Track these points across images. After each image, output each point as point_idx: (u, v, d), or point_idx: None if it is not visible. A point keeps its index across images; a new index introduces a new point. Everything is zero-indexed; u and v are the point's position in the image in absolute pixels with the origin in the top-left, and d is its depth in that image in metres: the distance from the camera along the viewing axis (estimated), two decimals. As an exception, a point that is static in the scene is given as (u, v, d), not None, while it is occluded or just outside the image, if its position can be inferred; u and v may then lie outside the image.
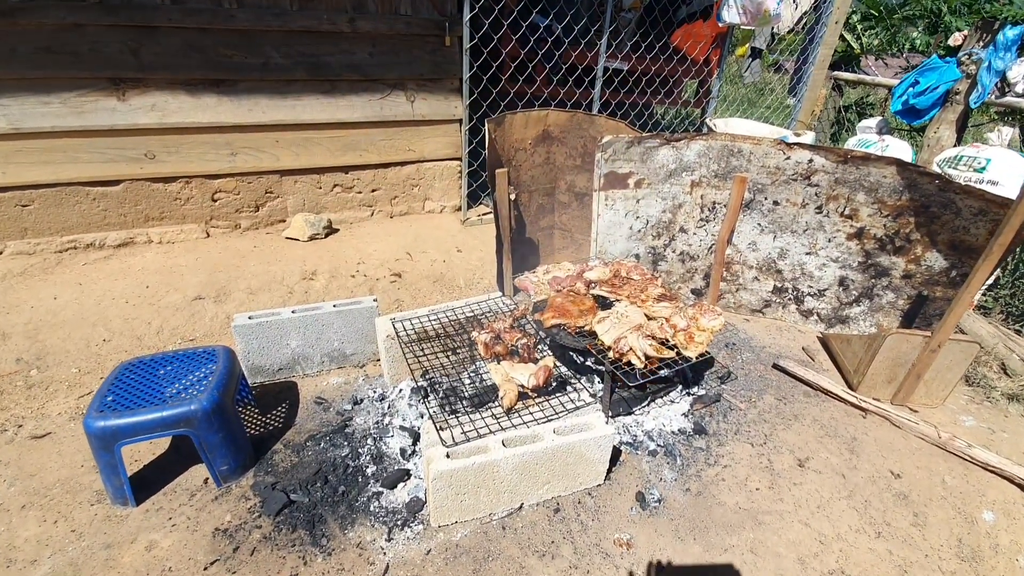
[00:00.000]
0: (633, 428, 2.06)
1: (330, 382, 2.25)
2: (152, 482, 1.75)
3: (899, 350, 2.19)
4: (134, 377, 1.71)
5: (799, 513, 1.79)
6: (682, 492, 1.83)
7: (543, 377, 1.81)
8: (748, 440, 2.07)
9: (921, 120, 4.01)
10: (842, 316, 2.67)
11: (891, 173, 2.30)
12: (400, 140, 3.60)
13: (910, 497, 1.89)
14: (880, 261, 2.48)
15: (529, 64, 3.80)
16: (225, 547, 1.55)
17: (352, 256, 3.28)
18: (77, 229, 3.09)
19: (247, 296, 2.79)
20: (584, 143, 2.82)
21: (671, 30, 4.86)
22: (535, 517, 1.69)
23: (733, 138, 2.52)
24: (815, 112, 5.22)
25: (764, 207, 2.59)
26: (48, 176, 2.89)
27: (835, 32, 4.60)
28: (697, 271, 2.86)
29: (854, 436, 2.13)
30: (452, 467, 1.51)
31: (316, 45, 3.11)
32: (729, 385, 2.36)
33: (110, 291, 2.77)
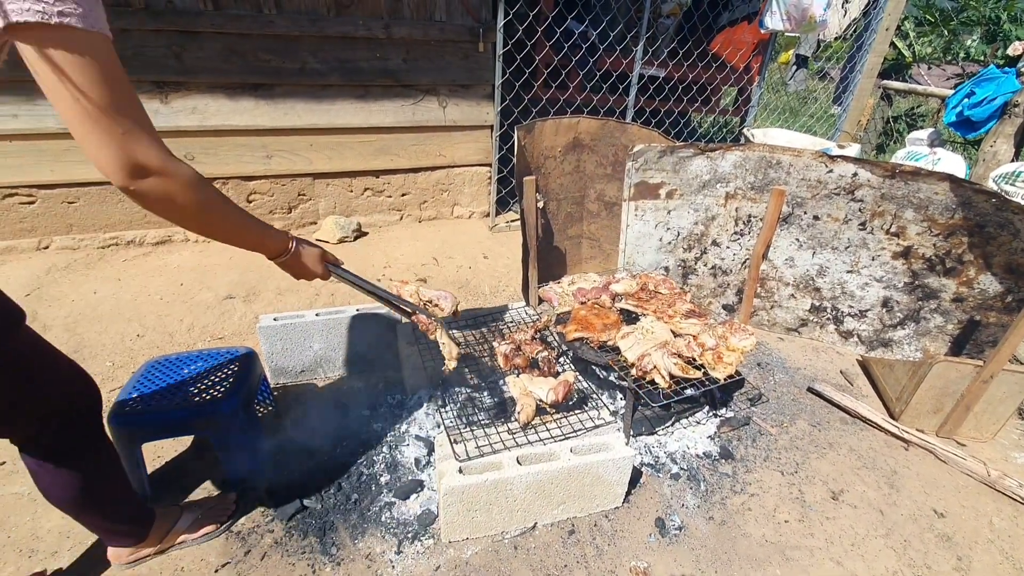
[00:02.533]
0: (655, 449, 1.98)
1: (350, 386, 2.26)
2: (172, 479, 1.78)
3: (947, 378, 2.05)
4: (159, 375, 1.74)
5: (831, 550, 1.68)
6: (705, 520, 1.74)
7: (563, 392, 1.76)
8: (778, 468, 1.97)
9: (976, 133, 3.80)
10: (885, 339, 2.53)
11: (943, 190, 2.16)
12: (431, 145, 3.61)
13: (954, 539, 1.76)
14: (928, 282, 2.34)
15: (563, 70, 3.76)
16: (237, 550, 1.56)
17: (379, 260, 3.30)
18: (119, 226, 3.20)
19: (275, 296, 2.83)
20: (615, 151, 2.76)
21: (711, 36, 4.75)
22: (549, 538, 1.64)
23: (771, 149, 2.42)
24: (861, 123, 5.01)
25: (803, 222, 2.48)
26: (94, 174, 3.00)
27: (885, 39, 4.40)
28: (729, 286, 2.75)
29: (894, 469, 2.00)
30: (464, 483, 1.47)
31: (351, 51, 3.15)
32: (759, 408, 2.26)
33: (146, 287, 2.85)
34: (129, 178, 0.90)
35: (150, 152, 0.91)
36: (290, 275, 1.38)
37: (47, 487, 1.25)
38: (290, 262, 1.33)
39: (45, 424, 1.18)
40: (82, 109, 0.83)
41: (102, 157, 0.88)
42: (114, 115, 0.85)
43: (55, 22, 0.77)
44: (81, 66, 0.81)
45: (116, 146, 0.87)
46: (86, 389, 1.28)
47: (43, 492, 1.27)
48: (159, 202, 0.96)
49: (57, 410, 1.20)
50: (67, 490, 1.25)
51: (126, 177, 0.90)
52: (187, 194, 0.98)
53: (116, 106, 0.85)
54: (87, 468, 1.26)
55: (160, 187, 0.94)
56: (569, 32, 4.07)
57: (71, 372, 1.25)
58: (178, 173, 0.95)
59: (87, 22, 0.80)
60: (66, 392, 1.23)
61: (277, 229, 1.29)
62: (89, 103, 0.83)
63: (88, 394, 1.28)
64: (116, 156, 0.88)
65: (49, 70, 0.80)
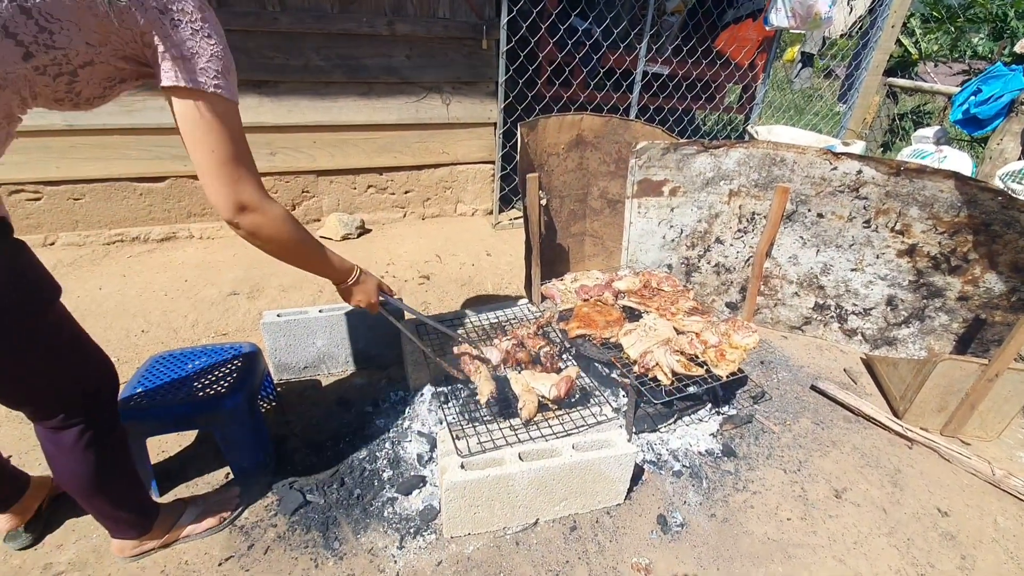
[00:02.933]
0: (657, 446, 1.98)
1: (353, 382, 2.26)
2: (176, 474, 1.79)
3: (952, 377, 2.04)
4: (163, 371, 1.75)
5: (833, 548, 1.68)
6: (707, 517, 1.74)
7: (565, 388, 1.76)
8: (781, 466, 1.97)
9: (983, 131, 3.77)
10: (889, 337, 2.52)
11: (949, 187, 2.15)
12: (434, 143, 3.61)
13: (958, 538, 1.75)
14: (933, 281, 2.32)
15: (566, 67, 3.75)
16: (240, 544, 1.56)
17: (382, 257, 3.30)
18: (124, 223, 3.22)
19: (279, 293, 2.84)
20: (618, 149, 2.75)
21: (715, 33, 4.73)
22: (550, 534, 1.64)
23: (776, 146, 2.41)
24: (867, 120, 4.98)
25: (807, 219, 2.47)
26: (99, 171, 3.02)
27: (891, 36, 4.37)
28: (733, 284, 2.75)
29: (898, 468, 1.99)
30: (466, 479, 1.48)
31: (355, 47, 3.15)
32: (762, 406, 2.25)
33: (151, 283, 2.87)
34: (234, 213, 1.12)
35: (253, 195, 1.13)
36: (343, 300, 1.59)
37: (61, 469, 1.27)
38: (351, 289, 1.54)
39: (72, 405, 1.20)
40: (215, 159, 1.06)
41: (218, 196, 1.09)
42: (234, 165, 1.09)
43: (210, 91, 1.02)
44: (220, 126, 1.05)
45: (230, 190, 1.09)
46: (111, 375, 1.31)
47: (56, 474, 1.29)
48: (253, 234, 1.17)
49: (86, 392, 1.23)
50: (81, 474, 1.27)
51: (233, 213, 1.11)
52: (276, 227, 1.19)
53: (237, 159, 1.09)
54: (103, 453, 1.28)
55: (257, 221, 1.15)
56: (573, 29, 4.06)
57: (99, 356, 1.28)
58: (271, 211, 1.17)
59: (230, 94, 1.06)
60: (95, 375, 1.26)
61: (346, 260, 1.51)
62: (219, 155, 1.06)
63: (112, 380, 1.31)
64: (228, 196, 1.10)
65: (196, 126, 1.03)
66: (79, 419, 1.22)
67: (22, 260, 1.06)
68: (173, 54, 0.99)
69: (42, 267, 1.11)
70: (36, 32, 0.89)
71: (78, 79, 1.01)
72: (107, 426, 1.29)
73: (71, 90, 1.02)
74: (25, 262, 1.07)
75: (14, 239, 1.04)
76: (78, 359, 1.22)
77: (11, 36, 0.87)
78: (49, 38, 0.91)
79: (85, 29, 0.93)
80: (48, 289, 1.12)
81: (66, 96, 1.03)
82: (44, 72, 0.95)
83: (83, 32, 0.93)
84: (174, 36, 0.98)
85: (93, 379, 1.26)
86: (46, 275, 1.12)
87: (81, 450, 1.23)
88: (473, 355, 1.84)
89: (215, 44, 1.03)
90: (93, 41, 0.95)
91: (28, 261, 1.08)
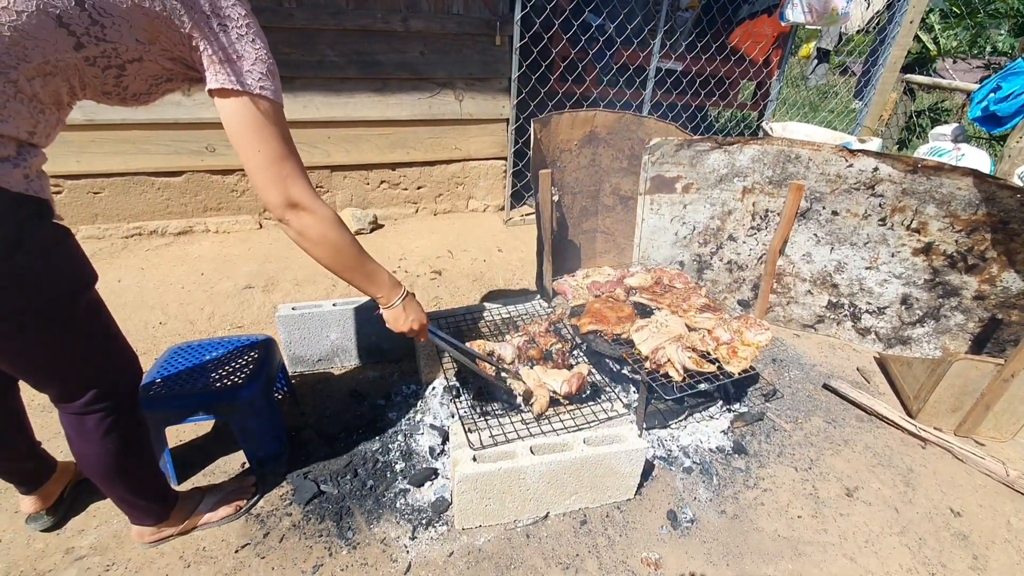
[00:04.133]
0: (668, 442, 1.99)
1: (366, 376, 2.29)
2: (194, 463, 1.83)
3: (967, 377, 2.02)
4: (181, 361, 1.79)
5: (844, 546, 1.68)
6: (717, 514, 1.75)
7: (576, 384, 1.77)
8: (792, 464, 1.96)
9: (1002, 128, 3.70)
10: (903, 337, 2.50)
11: (967, 185, 2.13)
12: (447, 138, 3.63)
13: (970, 538, 1.74)
14: (950, 279, 2.30)
15: (579, 64, 3.75)
16: (256, 532, 1.60)
17: (395, 252, 3.33)
18: (142, 217, 3.27)
19: (293, 287, 2.88)
20: (631, 145, 2.75)
21: (730, 29, 4.69)
22: (561, 528, 1.65)
23: (790, 143, 2.39)
24: (883, 118, 4.92)
25: (821, 217, 2.45)
26: (118, 166, 3.07)
27: (909, 32, 4.31)
28: (745, 281, 2.74)
29: (910, 467, 1.98)
30: (478, 471, 1.49)
31: (369, 44, 3.17)
32: (774, 404, 2.25)
33: (168, 277, 2.92)
34: (284, 210, 1.15)
35: (303, 193, 1.16)
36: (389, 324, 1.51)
37: (83, 453, 1.30)
38: (399, 310, 1.48)
39: (98, 389, 1.23)
40: (261, 158, 1.10)
41: (268, 194, 1.13)
42: (281, 163, 1.12)
43: (256, 92, 1.06)
44: (266, 126, 1.09)
45: (279, 187, 1.13)
46: (134, 363, 1.34)
47: (77, 458, 1.32)
48: (301, 234, 1.20)
49: (111, 378, 1.26)
50: (102, 459, 1.30)
51: (283, 210, 1.15)
52: (325, 229, 1.21)
53: (283, 157, 1.12)
54: (123, 439, 1.31)
55: (305, 221, 1.18)
56: (586, 25, 4.05)
57: (125, 345, 1.31)
58: (320, 211, 1.20)
59: (275, 95, 1.09)
60: (121, 361, 1.30)
61: (396, 279, 1.46)
62: (266, 153, 1.10)
63: (135, 368, 1.35)
64: (278, 193, 1.13)
65: (243, 126, 1.08)
66: (103, 404, 1.25)
67: (67, 244, 1.10)
68: (220, 56, 1.03)
69: (82, 252, 1.15)
70: (88, 24, 0.94)
71: (126, 73, 1.05)
72: (128, 413, 1.32)
73: (119, 84, 1.07)
74: (70, 246, 1.11)
75: (59, 224, 1.07)
76: (107, 345, 1.25)
77: (64, 26, 0.92)
78: (100, 31, 0.95)
79: (135, 27, 0.98)
80: (88, 274, 1.16)
81: (114, 90, 1.08)
82: (94, 63, 1.00)
83: (133, 29, 0.98)
84: (222, 39, 1.03)
85: (119, 365, 1.29)
86: (86, 260, 1.16)
87: (102, 435, 1.27)
88: (487, 351, 1.86)
89: (260, 47, 1.07)
90: (142, 39, 1.00)
91: (72, 245, 1.12)
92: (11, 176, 0.94)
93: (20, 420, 1.48)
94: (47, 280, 1.05)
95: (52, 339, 1.11)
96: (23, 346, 1.09)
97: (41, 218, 1.03)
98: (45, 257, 1.04)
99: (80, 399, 1.22)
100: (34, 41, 0.90)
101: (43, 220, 1.03)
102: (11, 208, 0.96)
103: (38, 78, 0.94)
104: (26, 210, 0.98)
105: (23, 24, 0.88)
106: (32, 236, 1.00)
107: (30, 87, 0.94)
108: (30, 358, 1.12)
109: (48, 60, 0.93)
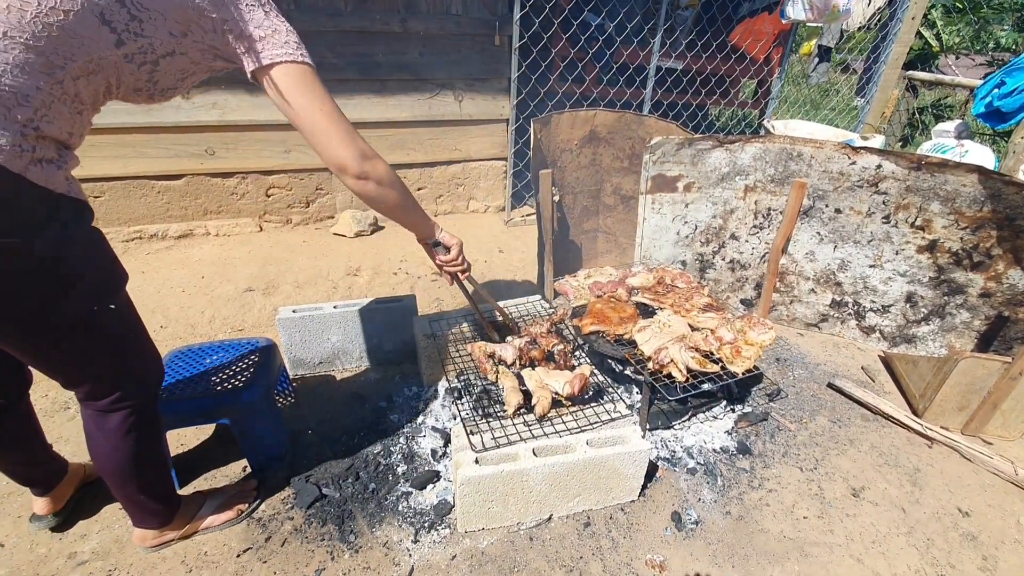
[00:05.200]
0: (672, 443, 1.97)
1: (367, 378, 2.28)
2: (195, 467, 1.82)
3: (973, 375, 2.00)
4: (183, 365, 1.78)
5: (851, 547, 1.66)
6: (722, 515, 1.73)
7: (579, 385, 1.76)
8: (797, 464, 1.95)
9: (1006, 124, 3.68)
10: (908, 335, 2.48)
11: (971, 182, 2.11)
12: (447, 139, 3.62)
13: (979, 538, 1.72)
14: (955, 277, 2.28)
15: (579, 63, 3.74)
16: (258, 536, 1.59)
17: (395, 254, 3.32)
18: (143, 220, 3.27)
19: (294, 289, 2.87)
20: (632, 144, 2.74)
21: (730, 27, 4.67)
22: (564, 530, 1.64)
23: (792, 141, 2.38)
24: (885, 115, 4.89)
25: (824, 215, 2.44)
26: (118, 169, 3.07)
27: (911, 28, 4.29)
28: (748, 280, 2.72)
29: (917, 467, 1.96)
30: (480, 474, 1.48)
31: (368, 45, 3.16)
32: (778, 403, 2.23)
33: (169, 280, 2.91)
34: (363, 162, 1.21)
35: (365, 143, 1.24)
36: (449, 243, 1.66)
37: (101, 451, 1.30)
38: (447, 235, 1.64)
39: (125, 388, 1.24)
40: (325, 116, 1.15)
41: (345, 150, 1.18)
42: (340, 117, 1.18)
43: (300, 59, 1.12)
44: (317, 86, 1.15)
45: (350, 141, 1.19)
46: (158, 363, 1.36)
47: (95, 457, 1.32)
48: (380, 182, 1.27)
49: (137, 376, 1.27)
50: (120, 457, 1.30)
51: (361, 162, 1.21)
52: (391, 175, 1.30)
53: (338, 112, 1.18)
54: (141, 439, 1.31)
55: (380, 168, 1.26)
56: (586, 24, 4.04)
57: (151, 344, 1.32)
58: (382, 161, 1.28)
59: (311, 59, 1.15)
60: (147, 361, 1.31)
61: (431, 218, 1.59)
62: (328, 110, 1.15)
63: (159, 368, 1.36)
64: (352, 147, 1.19)
65: (301, 91, 1.13)
66: (127, 403, 1.26)
67: (103, 245, 1.13)
68: (257, 35, 1.09)
69: (114, 253, 1.17)
70: (128, 20, 0.97)
71: (159, 68, 1.09)
72: (149, 413, 1.33)
73: (151, 79, 1.10)
74: (105, 247, 1.14)
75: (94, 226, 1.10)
76: (138, 344, 1.27)
77: (107, 23, 0.95)
78: (139, 26, 0.99)
79: (170, 19, 1.02)
80: (120, 273, 1.18)
81: (145, 86, 1.11)
82: (131, 60, 1.03)
83: (168, 23, 1.02)
84: (255, 18, 1.08)
85: (146, 364, 1.30)
86: (118, 260, 1.18)
87: (123, 434, 1.27)
88: (488, 353, 1.85)
89: (284, 20, 1.13)
90: (176, 32, 1.04)
91: (107, 246, 1.14)
92: (55, 178, 0.97)
93: (34, 424, 1.49)
94: (88, 280, 1.08)
95: (91, 338, 1.13)
96: (64, 345, 1.11)
97: (82, 219, 1.05)
98: (85, 258, 1.07)
99: (108, 397, 1.23)
100: (79, 39, 0.93)
101: (83, 221, 1.06)
102: (56, 210, 0.98)
103: (82, 77, 0.97)
104: (68, 211, 1.01)
105: (71, 23, 0.91)
106: (74, 237, 1.03)
107: (74, 87, 0.97)
108: (68, 357, 1.14)
109: (92, 58, 0.96)
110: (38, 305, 1.02)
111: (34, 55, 0.89)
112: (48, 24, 0.88)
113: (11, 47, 0.86)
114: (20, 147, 0.90)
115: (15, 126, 0.89)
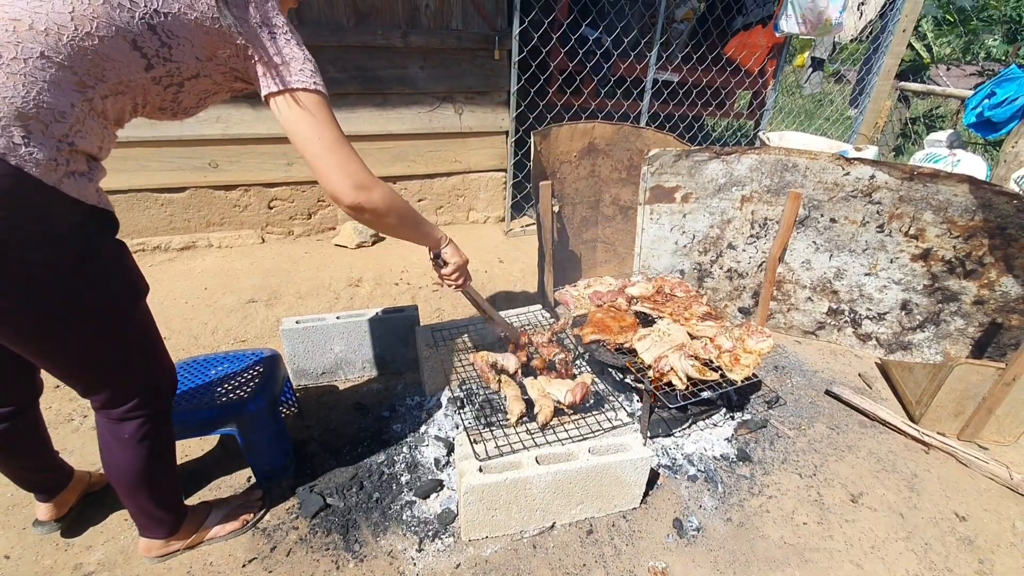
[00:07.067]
0: (672, 451, 1.99)
1: (370, 388, 2.30)
2: (200, 478, 1.83)
3: (969, 381, 2.03)
4: (187, 376, 1.80)
5: (850, 553, 1.68)
6: (723, 522, 1.75)
7: (580, 394, 1.78)
8: (796, 470, 1.97)
9: (997, 134, 3.75)
10: (904, 342, 2.51)
11: (963, 191, 2.16)
12: (447, 151, 3.66)
13: (976, 542, 1.74)
14: (948, 285, 2.32)
15: (577, 76, 3.80)
16: (263, 546, 1.60)
17: (397, 264, 3.35)
18: (146, 232, 3.30)
19: (296, 300, 2.89)
20: (630, 156, 2.78)
21: (725, 40, 4.75)
22: (567, 538, 1.66)
23: (787, 152, 2.42)
24: (878, 125, 4.96)
25: (820, 224, 2.48)
26: (122, 183, 3.10)
27: (902, 40, 4.37)
28: (746, 289, 2.75)
29: (914, 472, 1.99)
30: (484, 482, 1.50)
31: (370, 59, 3.21)
32: (777, 410, 2.25)
33: (172, 292, 2.93)
34: (356, 192, 1.21)
35: (364, 172, 1.23)
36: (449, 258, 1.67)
37: (114, 459, 1.32)
38: (452, 248, 1.64)
39: (141, 396, 1.27)
40: (322, 144, 1.16)
41: (336, 179, 1.19)
42: (340, 147, 1.19)
43: (312, 88, 1.15)
44: (323, 115, 1.16)
45: (345, 170, 1.19)
46: (173, 373, 1.38)
47: (107, 464, 1.34)
48: (375, 210, 1.26)
49: (153, 385, 1.30)
50: (132, 465, 1.32)
51: (355, 193, 1.21)
52: (392, 199, 1.31)
53: (340, 141, 1.19)
54: (154, 448, 1.34)
55: (375, 197, 1.25)
56: (583, 38, 4.11)
57: (166, 354, 1.35)
58: (382, 185, 1.28)
59: (325, 89, 1.18)
60: (163, 370, 1.33)
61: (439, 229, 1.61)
62: (326, 139, 1.17)
63: (173, 378, 1.39)
64: (346, 176, 1.19)
65: (306, 118, 1.15)
66: (142, 412, 1.28)
67: (127, 255, 1.16)
68: (277, 61, 1.12)
69: (136, 263, 1.21)
70: (158, 47, 1.02)
71: (183, 89, 1.14)
72: (163, 422, 1.36)
73: (176, 100, 1.16)
74: (129, 258, 1.17)
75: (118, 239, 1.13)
76: (154, 354, 1.30)
77: (138, 49, 1.00)
78: (168, 52, 1.04)
79: (197, 45, 1.07)
80: (142, 284, 1.21)
81: (170, 106, 1.17)
82: (159, 82, 1.08)
83: (195, 48, 1.07)
84: (274, 46, 1.12)
85: (162, 373, 1.33)
86: (139, 271, 1.21)
87: (137, 441, 1.29)
88: (490, 363, 1.87)
89: (303, 49, 1.17)
90: (201, 56, 1.09)
91: (130, 258, 1.17)
92: (87, 190, 1.01)
93: (42, 431, 1.51)
94: (112, 290, 1.11)
95: (113, 346, 1.16)
96: (86, 353, 1.14)
97: (109, 230, 1.09)
98: (110, 268, 1.11)
99: (124, 405, 1.25)
100: (111, 63, 0.98)
101: (110, 232, 1.09)
102: (86, 220, 1.02)
103: (111, 96, 1.02)
104: (97, 222, 1.05)
105: (104, 48, 0.96)
106: (101, 248, 1.07)
107: (102, 105, 1.01)
108: (89, 364, 1.17)
109: (121, 80, 1.01)
110: (64, 313, 1.05)
111: (69, 74, 0.93)
112: (83, 48, 0.93)
113: (48, 66, 0.91)
114: (55, 161, 0.94)
115: (52, 141, 0.93)
